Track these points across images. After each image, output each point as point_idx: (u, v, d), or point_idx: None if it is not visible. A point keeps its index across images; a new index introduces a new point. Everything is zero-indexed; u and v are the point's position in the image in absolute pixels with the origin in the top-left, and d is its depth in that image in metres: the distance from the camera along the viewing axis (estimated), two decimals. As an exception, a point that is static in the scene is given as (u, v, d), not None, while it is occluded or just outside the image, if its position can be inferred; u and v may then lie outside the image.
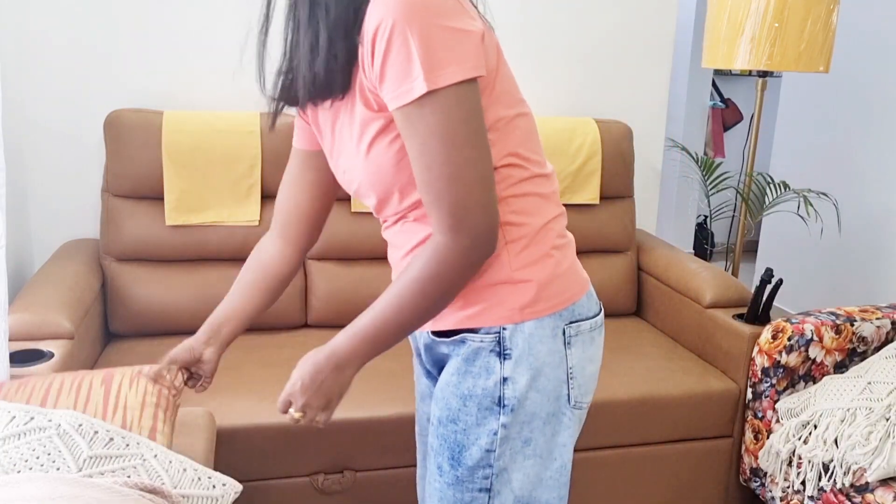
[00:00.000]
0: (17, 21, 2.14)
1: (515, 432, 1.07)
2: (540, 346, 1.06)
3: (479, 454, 1.08)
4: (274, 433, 1.68)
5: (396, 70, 0.91)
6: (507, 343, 1.05)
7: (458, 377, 1.08)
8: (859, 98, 3.30)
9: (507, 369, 1.05)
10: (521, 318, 1.05)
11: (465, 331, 1.07)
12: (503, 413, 1.06)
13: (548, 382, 1.07)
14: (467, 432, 1.08)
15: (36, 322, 1.66)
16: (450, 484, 1.11)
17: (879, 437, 1.66)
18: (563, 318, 1.07)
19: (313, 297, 2.20)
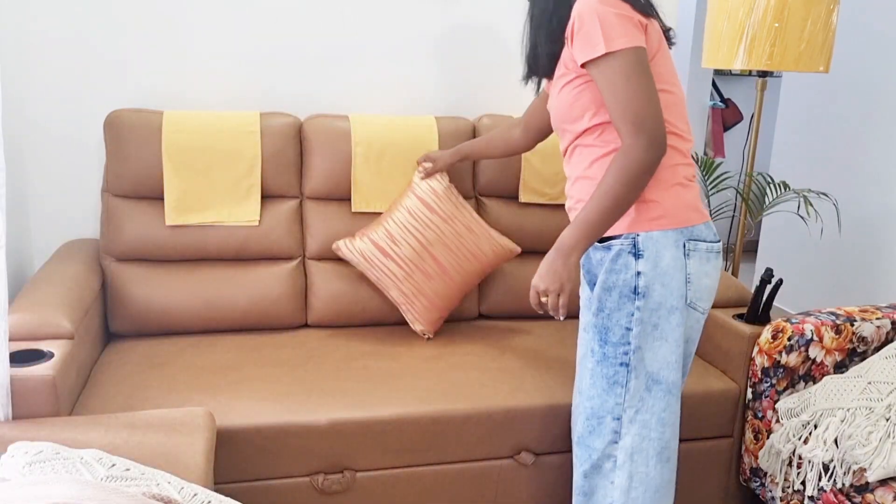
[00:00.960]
0: (18, 21, 2.14)
1: (647, 316, 1.46)
2: (664, 251, 1.45)
3: (620, 332, 1.48)
4: (274, 433, 1.68)
5: (585, 40, 1.38)
6: (640, 246, 1.45)
7: (605, 275, 1.48)
8: (859, 98, 3.30)
9: (639, 265, 1.45)
10: (648, 228, 1.44)
11: (612, 238, 1.47)
12: (637, 298, 1.46)
13: (671, 280, 1.45)
14: (611, 316, 1.48)
15: (36, 322, 1.66)
16: (599, 361, 1.51)
17: (879, 437, 1.66)
18: (684, 235, 1.46)
19: (313, 297, 2.20)
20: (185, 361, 1.94)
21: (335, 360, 1.98)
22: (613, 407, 1.51)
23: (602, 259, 1.50)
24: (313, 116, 2.24)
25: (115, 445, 1.39)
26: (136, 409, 1.69)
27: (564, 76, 1.50)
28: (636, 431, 1.51)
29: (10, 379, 1.48)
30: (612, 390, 1.50)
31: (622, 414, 1.51)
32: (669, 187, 1.46)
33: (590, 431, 1.55)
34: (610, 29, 1.36)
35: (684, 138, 1.50)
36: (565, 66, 1.49)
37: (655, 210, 1.45)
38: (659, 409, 1.51)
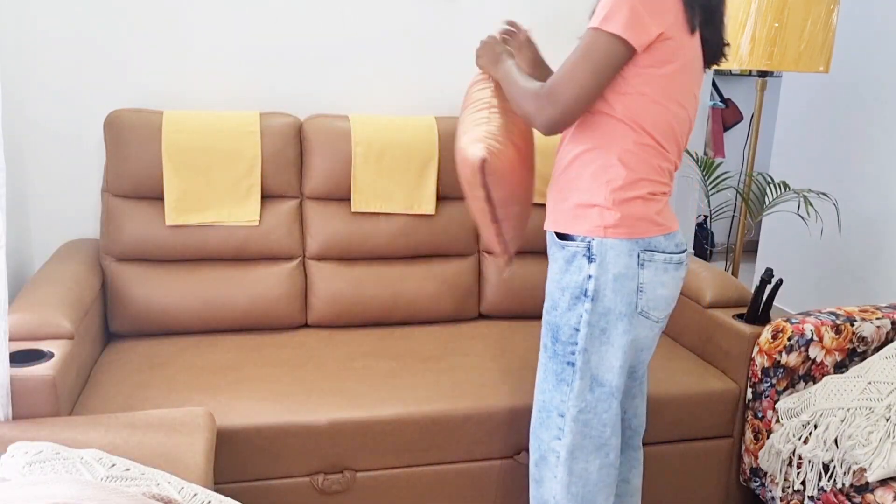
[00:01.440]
0: (18, 21, 2.13)
1: (595, 320, 1.49)
2: (618, 259, 1.46)
3: (569, 332, 1.52)
4: (274, 433, 1.68)
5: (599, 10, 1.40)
6: (594, 251, 1.47)
7: (560, 274, 1.53)
8: (859, 98, 3.30)
9: (591, 269, 1.48)
10: (604, 234, 1.46)
11: (568, 238, 1.51)
12: (586, 301, 1.49)
13: (621, 287, 1.48)
14: (562, 315, 1.52)
15: (36, 322, 1.66)
16: (550, 357, 1.56)
17: (879, 437, 1.66)
18: (639, 245, 1.47)
19: (313, 297, 2.20)
20: (185, 361, 1.94)
21: (335, 360, 1.98)
22: (559, 403, 1.55)
23: (555, 256, 1.55)
24: (313, 116, 2.24)
25: (115, 445, 1.39)
26: (136, 409, 1.69)
27: None
28: (578, 430, 1.55)
29: (10, 379, 1.48)
30: (558, 387, 1.55)
31: (566, 412, 1.55)
32: (632, 199, 1.46)
33: (539, 423, 1.60)
34: (619, 13, 1.36)
35: (665, 156, 1.49)
36: None
37: (611, 218, 1.46)
38: (601, 410, 1.55)
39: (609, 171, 1.46)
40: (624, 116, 1.44)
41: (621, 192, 1.46)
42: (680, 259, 1.53)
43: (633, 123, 1.44)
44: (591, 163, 1.47)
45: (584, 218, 1.48)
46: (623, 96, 1.43)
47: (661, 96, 1.44)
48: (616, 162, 1.45)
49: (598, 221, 1.46)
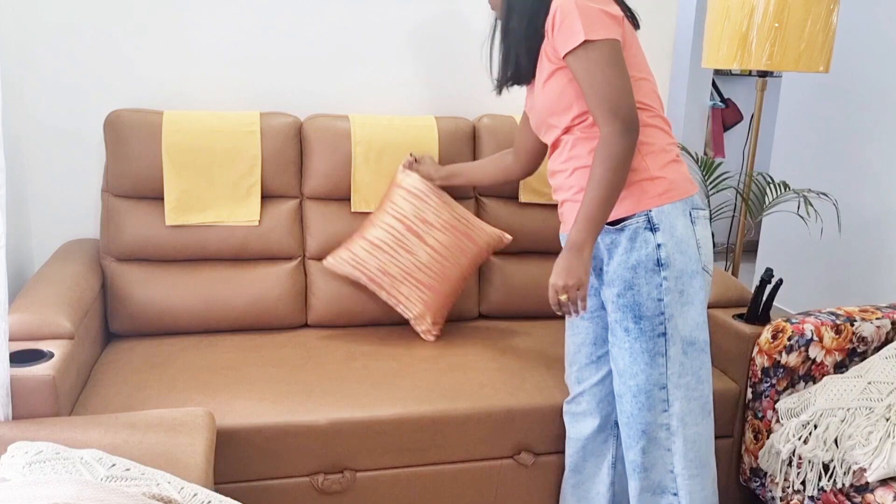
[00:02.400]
0: (18, 21, 2.13)
1: (673, 285, 1.54)
2: (676, 221, 1.55)
3: (653, 305, 1.55)
4: (274, 433, 1.68)
5: (566, 30, 1.47)
6: (655, 220, 1.54)
7: (626, 254, 1.55)
8: (859, 98, 3.30)
9: (658, 238, 1.54)
10: (660, 203, 1.54)
11: (624, 219, 1.55)
12: (662, 269, 1.54)
13: (686, 248, 1.55)
14: (641, 292, 1.55)
15: (36, 322, 1.66)
16: (636, 337, 1.57)
17: (879, 437, 1.66)
18: (688, 204, 1.57)
19: (313, 297, 2.20)
20: (185, 361, 1.94)
21: (335, 360, 1.98)
22: (658, 378, 1.58)
23: (615, 241, 1.57)
24: (313, 116, 2.24)
25: (115, 445, 1.39)
26: (136, 409, 1.69)
27: (548, 70, 1.57)
28: (682, 395, 1.60)
29: (10, 379, 1.48)
30: (654, 362, 1.57)
31: (667, 382, 1.59)
32: (668, 163, 1.56)
33: (639, 408, 1.61)
34: (589, 20, 1.45)
35: (666, 120, 1.62)
36: (548, 58, 1.57)
37: (662, 185, 1.54)
38: (696, 367, 1.61)
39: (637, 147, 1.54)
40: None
41: (659, 159, 1.55)
42: (709, 214, 1.65)
43: (638, 102, 1.54)
44: None
45: (634, 195, 1.54)
46: None
47: (641, 70, 1.57)
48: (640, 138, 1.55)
49: (651, 192, 1.54)
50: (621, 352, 1.61)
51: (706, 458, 1.66)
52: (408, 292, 2.10)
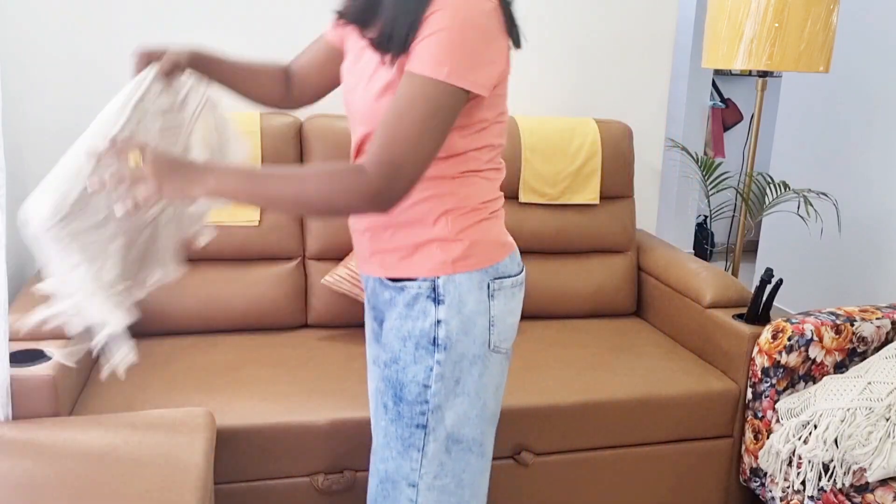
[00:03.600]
0: (18, 21, 2.14)
1: (448, 371, 1.24)
2: (468, 295, 1.24)
3: (416, 390, 1.25)
4: (274, 433, 1.68)
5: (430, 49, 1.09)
6: (441, 290, 1.23)
7: (399, 321, 1.26)
8: (859, 98, 3.30)
9: (440, 313, 1.23)
10: (453, 270, 1.23)
11: (406, 279, 1.25)
12: (437, 351, 1.23)
13: (474, 327, 1.24)
14: (406, 370, 1.25)
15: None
16: (392, 420, 1.28)
17: (879, 437, 1.66)
18: (489, 275, 1.25)
19: (313, 297, 2.20)
20: (185, 361, 1.94)
21: (335, 360, 1.99)
22: (409, 473, 1.29)
23: (393, 300, 1.28)
24: (313, 116, 2.24)
25: (114, 445, 1.39)
26: (136, 409, 1.69)
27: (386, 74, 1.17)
28: (434, 498, 1.30)
29: (10, 379, 1.48)
30: (407, 454, 1.28)
31: (418, 481, 1.29)
32: (477, 223, 1.25)
33: (384, 497, 1.33)
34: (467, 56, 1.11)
35: (499, 169, 1.30)
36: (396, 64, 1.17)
37: (457, 250, 1.23)
38: (458, 470, 1.30)
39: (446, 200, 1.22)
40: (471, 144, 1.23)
41: (466, 219, 1.24)
42: (522, 278, 1.32)
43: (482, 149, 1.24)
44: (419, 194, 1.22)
45: (423, 255, 1.24)
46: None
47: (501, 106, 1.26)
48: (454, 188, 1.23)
49: (442, 256, 1.23)
50: (377, 428, 1.32)
51: None
52: None
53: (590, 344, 2.18)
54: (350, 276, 2.09)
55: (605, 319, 2.41)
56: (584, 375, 1.97)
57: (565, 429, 1.86)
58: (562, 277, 2.38)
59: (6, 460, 1.32)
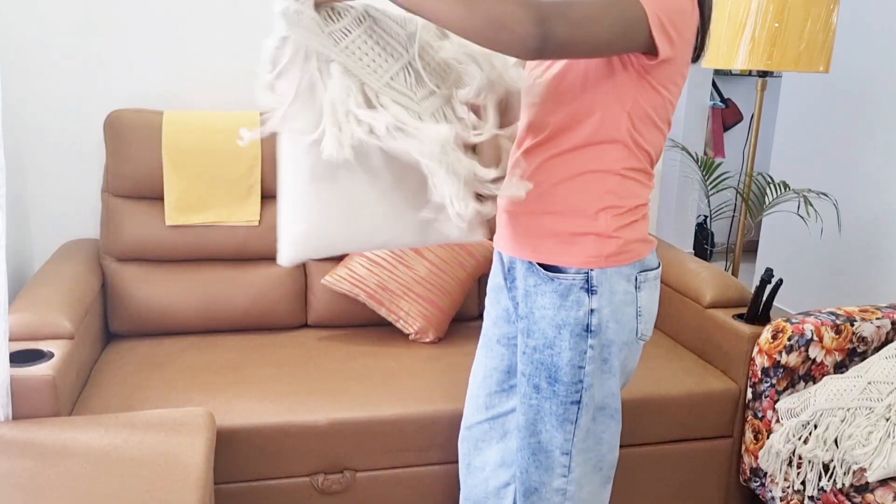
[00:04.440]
0: (18, 21, 2.14)
1: (598, 354, 1.36)
2: (618, 286, 1.34)
3: (572, 372, 1.36)
4: (274, 433, 1.68)
5: None
6: (595, 282, 1.33)
7: (553, 311, 1.35)
8: (859, 98, 3.30)
9: (593, 303, 1.33)
10: (605, 265, 1.33)
11: (561, 271, 1.33)
12: (591, 337, 1.34)
13: (622, 316, 1.36)
14: (562, 355, 1.36)
15: (36, 322, 1.66)
16: (547, 398, 1.39)
17: (879, 437, 1.66)
18: (636, 268, 1.36)
19: (313, 297, 2.20)
20: (185, 361, 1.94)
21: (335, 360, 1.99)
22: (562, 443, 1.42)
23: (538, 286, 1.36)
24: (313, 116, 2.23)
25: (114, 445, 1.39)
26: (136, 409, 1.69)
27: None
28: (583, 458, 1.45)
29: (10, 379, 1.48)
30: (562, 427, 1.41)
31: (572, 449, 1.43)
32: (631, 223, 1.35)
33: (537, 467, 1.45)
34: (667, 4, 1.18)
35: (651, 175, 1.39)
36: None
37: (612, 246, 1.33)
38: (599, 432, 1.45)
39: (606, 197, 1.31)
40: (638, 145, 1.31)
41: (621, 219, 1.33)
42: (660, 271, 1.45)
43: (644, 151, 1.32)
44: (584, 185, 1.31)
45: (578, 248, 1.32)
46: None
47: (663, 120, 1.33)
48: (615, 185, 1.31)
49: (598, 251, 1.32)
50: (527, 408, 1.43)
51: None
52: (408, 307, 2.10)
53: (590, 344, 2.19)
54: (350, 275, 2.09)
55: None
56: (584, 375, 1.97)
57: (565, 429, 1.86)
58: (562, 277, 2.38)
59: (6, 460, 1.32)
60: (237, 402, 1.74)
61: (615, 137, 1.28)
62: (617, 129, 1.28)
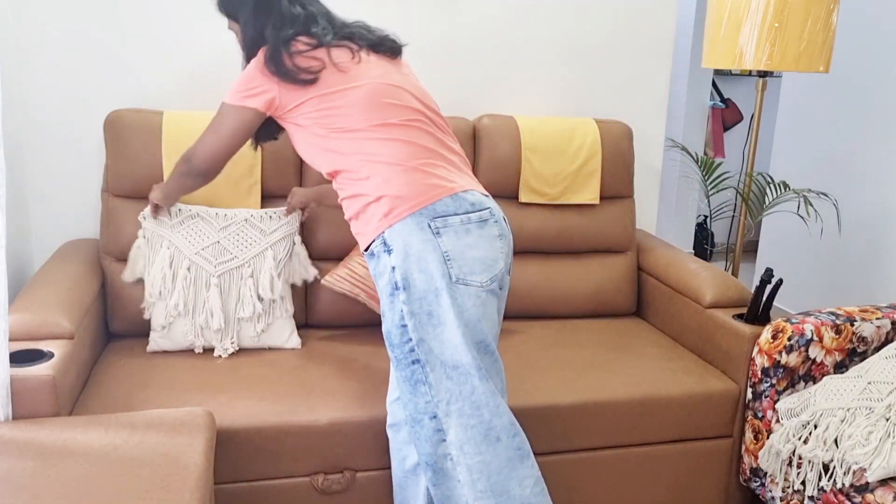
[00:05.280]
0: (18, 21, 2.14)
1: (416, 307, 1.45)
2: (410, 237, 1.46)
3: (397, 331, 1.47)
4: (274, 433, 1.68)
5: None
6: (388, 241, 1.48)
7: (376, 280, 1.53)
8: (859, 98, 3.30)
9: (392, 260, 1.47)
10: (389, 223, 1.47)
11: (370, 244, 1.52)
12: (400, 292, 1.46)
13: (427, 264, 1.45)
14: (387, 318, 1.49)
15: (36, 322, 1.66)
16: (395, 366, 1.51)
17: (879, 437, 1.66)
18: (425, 216, 1.47)
19: (313, 297, 2.20)
20: (185, 361, 1.94)
21: (335, 360, 1.98)
22: (425, 406, 1.48)
23: (371, 268, 1.55)
24: (313, 116, 2.23)
25: (114, 445, 1.39)
26: (136, 409, 1.69)
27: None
28: (456, 423, 1.47)
29: (10, 379, 1.48)
30: (416, 390, 1.48)
31: (436, 411, 1.48)
32: (399, 175, 1.51)
33: (417, 438, 1.51)
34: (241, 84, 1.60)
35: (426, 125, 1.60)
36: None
37: (385, 205, 1.49)
38: (467, 392, 1.47)
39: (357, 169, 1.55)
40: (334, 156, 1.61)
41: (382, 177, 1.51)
42: (482, 216, 1.51)
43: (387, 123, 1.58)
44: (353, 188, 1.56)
45: (368, 219, 1.52)
46: None
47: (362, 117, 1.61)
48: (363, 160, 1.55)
49: (378, 214, 1.49)
50: (392, 381, 1.59)
51: (503, 486, 1.50)
52: None
53: (590, 344, 2.18)
54: (350, 275, 2.09)
55: (605, 319, 2.41)
56: (584, 375, 1.97)
57: (565, 429, 1.86)
58: (562, 277, 2.38)
59: (6, 460, 1.32)
60: (237, 402, 1.74)
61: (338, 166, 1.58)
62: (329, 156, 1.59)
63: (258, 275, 1.99)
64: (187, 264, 1.96)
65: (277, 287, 2.01)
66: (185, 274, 1.95)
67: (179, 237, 1.97)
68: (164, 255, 1.96)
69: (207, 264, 1.96)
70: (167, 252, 1.96)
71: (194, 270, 1.97)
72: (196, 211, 2.02)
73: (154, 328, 1.98)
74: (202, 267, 1.97)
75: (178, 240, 1.97)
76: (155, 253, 1.97)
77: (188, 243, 1.96)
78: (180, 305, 1.94)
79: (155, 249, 1.98)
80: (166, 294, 1.95)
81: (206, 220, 2.00)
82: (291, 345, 2.05)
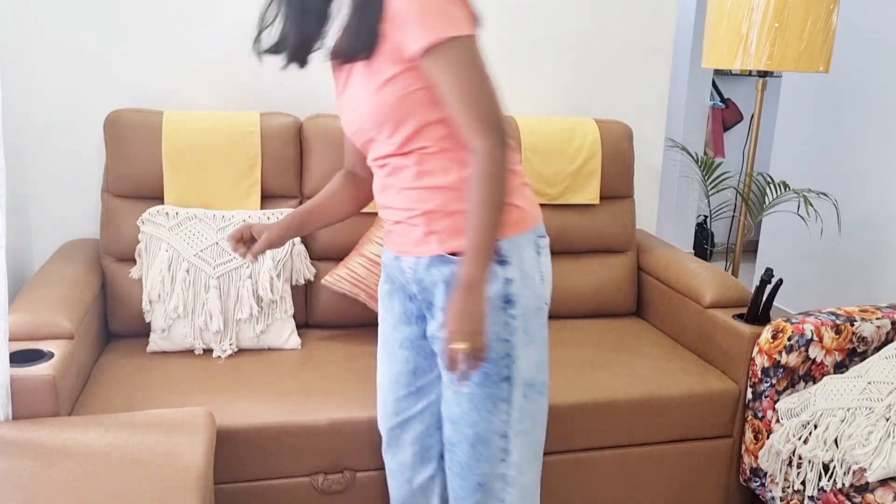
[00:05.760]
0: (18, 21, 2.14)
1: (520, 324, 1.36)
2: (524, 252, 1.36)
3: (499, 346, 1.35)
4: (274, 433, 1.68)
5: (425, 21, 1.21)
6: (504, 252, 1.34)
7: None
8: (859, 98, 3.30)
9: (507, 272, 1.34)
10: (512, 232, 1.35)
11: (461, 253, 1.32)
12: (510, 307, 1.34)
13: (531, 282, 1.37)
14: (487, 332, 1.33)
15: (36, 322, 1.66)
16: (479, 383, 1.37)
17: (879, 437, 1.66)
18: (536, 233, 1.40)
19: (313, 297, 2.20)
20: (185, 361, 1.94)
21: (335, 360, 1.99)
22: (500, 425, 1.39)
23: (455, 273, 1.35)
24: (313, 116, 2.24)
25: (115, 445, 1.39)
26: (136, 409, 1.69)
27: (384, 71, 1.29)
28: (521, 442, 1.42)
29: (10, 379, 1.48)
30: (496, 409, 1.38)
31: (508, 430, 1.40)
32: (520, 186, 1.39)
33: (477, 458, 1.41)
34: (453, 9, 1.21)
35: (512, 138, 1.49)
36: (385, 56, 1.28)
37: (515, 213, 1.36)
38: (533, 411, 1.42)
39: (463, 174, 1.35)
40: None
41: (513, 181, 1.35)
42: (547, 242, 1.46)
43: None
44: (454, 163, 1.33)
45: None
46: None
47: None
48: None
49: (504, 221, 1.33)
50: (458, 397, 1.39)
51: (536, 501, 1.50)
52: None
53: (590, 344, 2.18)
54: (350, 275, 2.09)
55: (605, 319, 2.41)
56: (585, 375, 1.97)
57: (565, 429, 1.86)
58: (562, 277, 2.38)
59: (6, 460, 1.32)
60: (237, 402, 1.74)
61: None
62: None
63: (257, 275, 1.99)
64: (186, 266, 1.95)
65: (277, 287, 2.01)
66: (184, 276, 1.95)
67: (178, 239, 1.96)
68: (162, 257, 1.95)
69: (206, 266, 1.96)
70: (166, 254, 1.96)
71: (193, 272, 1.97)
72: (194, 213, 2.01)
73: (154, 330, 1.98)
74: (201, 269, 1.97)
75: (177, 242, 1.96)
76: (153, 255, 1.97)
77: (187, 245, 1.95)
78: (179, 308, 1.94)
79: (153, 252, 1.97)
80: (165, 297, 1.95)
81: (204, 222, 2.00)
82: (291, 345, 2.05)
